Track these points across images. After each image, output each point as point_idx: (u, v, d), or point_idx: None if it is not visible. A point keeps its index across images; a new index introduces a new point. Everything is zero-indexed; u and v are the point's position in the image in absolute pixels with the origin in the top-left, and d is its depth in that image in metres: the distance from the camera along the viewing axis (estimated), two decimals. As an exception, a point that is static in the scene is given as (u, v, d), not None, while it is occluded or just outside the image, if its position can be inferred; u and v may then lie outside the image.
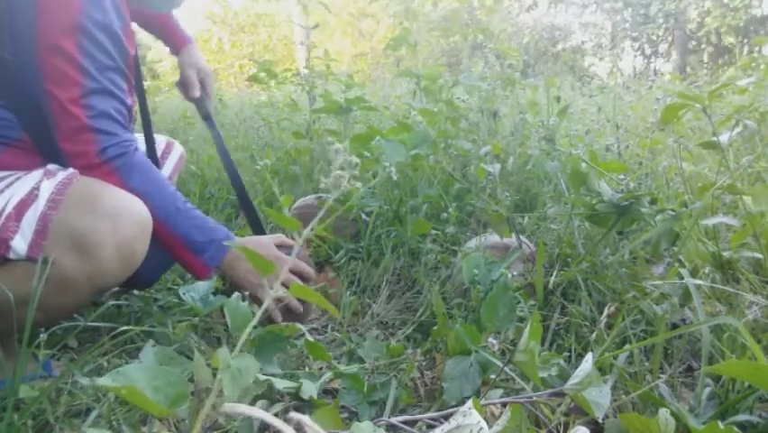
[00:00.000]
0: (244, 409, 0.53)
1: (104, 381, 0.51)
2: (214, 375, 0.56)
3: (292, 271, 1.12)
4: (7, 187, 0.90)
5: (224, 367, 0.54)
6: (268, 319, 1.09)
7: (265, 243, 1.13)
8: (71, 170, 0.93)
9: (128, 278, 0.94)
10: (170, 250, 1.03)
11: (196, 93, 1.40)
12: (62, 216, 0.87)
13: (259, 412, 0.53)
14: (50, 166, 0.94)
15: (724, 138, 1.12)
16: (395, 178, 0.88)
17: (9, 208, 0.86)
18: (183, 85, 1.40)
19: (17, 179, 0.91)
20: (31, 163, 0.96)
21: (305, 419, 0.55)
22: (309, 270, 1.14)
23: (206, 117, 1.45)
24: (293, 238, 1.24)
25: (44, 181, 0.90)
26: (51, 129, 0.93)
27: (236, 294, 0.88)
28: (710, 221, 1.09)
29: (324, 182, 0.60)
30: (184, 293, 1.02)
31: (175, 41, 1.41)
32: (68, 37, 0.91)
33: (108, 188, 0.93)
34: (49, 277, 0.84)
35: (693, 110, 1.16)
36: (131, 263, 0.92)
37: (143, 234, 0.93)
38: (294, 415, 0.57)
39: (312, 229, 0.62)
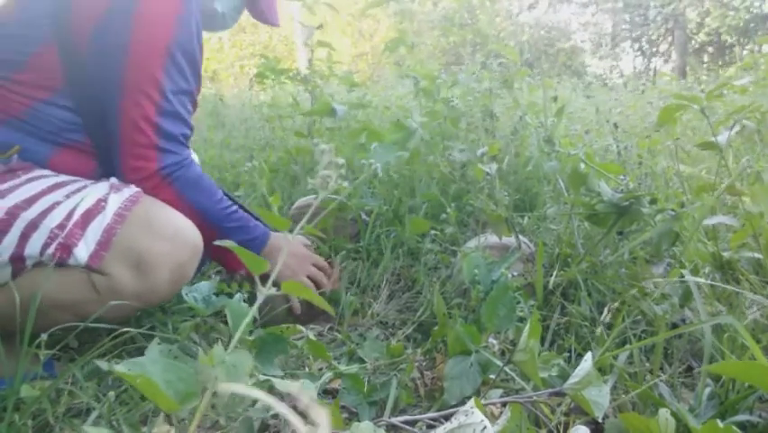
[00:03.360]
0: (241, 389, 0.53)
1: (120, 368, 0.52)
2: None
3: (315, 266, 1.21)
4: (73, 193, 0.91)
5: (218, 362, 0.54)
6: (290, 312, 1.16)
7: (301, 254, 1.20)
8: (135, 187, 0.96)
9: None
10: (214, 249, 1.08)
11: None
12: (125, 232, 0.89)
13: (254, 391, 0.52)
14: (114, 180, 0.97)
15: (722, 138, 1.12)
16: (380, 173, 0.90)
17: (76, 216, 0.88)
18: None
19: (84, 187, 0.93)
20: (82, 165, 0.98)
21: (295, 388, 0.55)
22: (327, 266, 1.23)
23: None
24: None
25: (112, 195, 0.92)
26: (115, 141, 0.96)
27: (238, 295, 0.88)
28: (710, 221, 1.09)
29: (312, 183, 0.61)
30: (186, 294, 1.02)
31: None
32: (157, 58, 0.94)
33: (170, 210, 0.96)
34: (100, 288, 0.87)
35: (692, 111, 1.16)
36: (180, 285, 0.96)
37: (195, 258, 0.97)
38: (286, 385, 0.56)
39: (302, 228, 0.62)
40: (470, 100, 1.98)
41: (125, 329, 0.85)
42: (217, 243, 0.74)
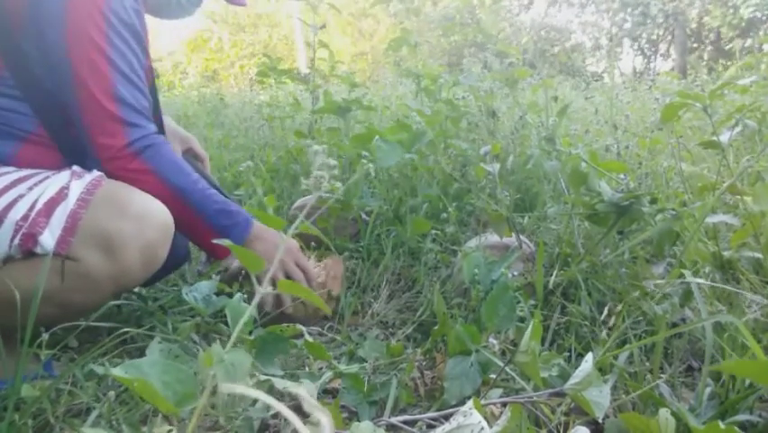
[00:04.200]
0: (242, 389, 0.53)
1: (116, 372, 0.52)
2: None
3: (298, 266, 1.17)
4: (36, 185, 0.91)
5: (217, 361, 0.54)
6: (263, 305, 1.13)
7: (285, 250, 1.15)
8: (97, 172, 0.95)
9: None
10: (194, 232, 1.06)
11: None
12: (91, 216, 0.88)
13: (256, 393, 0.53)
14: (76, 168, 0.96)
15: (724, 138, 1.12)
16: (372, 174, 0.90)
17: (39, 205, 0.87)
18: None
19: (46, 177, 0.93)
20: (47, 159, 0.97)
21: (301, 392, 0.55)
22: (312, 271, 1.18)
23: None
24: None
25: (73, 181, 0.91)
26: (78, 121, 0.95)
27: (238, 294, 0.88)
28: (711, 220, 1.08)
29: (306, 183, 0.61)
30: (186, 293, 1.02)
31: None
32: (97, 30, 0.93)
33: (135, 191, 0.95)
34: (72, 274, 0.86)
35: (693, 109, 1.16)
36: (153, 266, 0.94)
37: (166, 238, 0.95)
38: (291, 389, 0.56)
39: (296, 227, 0.63)
40: (471, 100, 1.97)
41: (125, 329, 0.85)
42: (216, 241, 0.74)
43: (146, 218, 0.92)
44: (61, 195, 0.89)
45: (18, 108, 0.95)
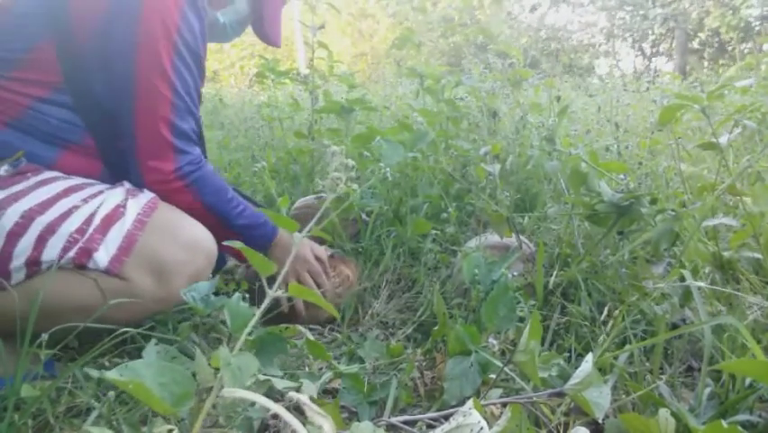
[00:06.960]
0: (243, 393, 0.53)
1: (111, 375, 0.52)
2: (216, 375, 0.56)
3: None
4: (91, 198, 0.92)
5: (224, 365, 0.54)
6: (290, 310, 1.16)
7: (303, 255, 1.19)
8: (150, 193, 0.97)
9: None
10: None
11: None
12: (146, 239, 0.90)
13: (257, 397, 0.53)
14: (128, 185, 0.97)
15: (723, 139, 1.12)
16: (389, 178, 0.91)
17: (96, 221, 0.88)
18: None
19: (99, 192, 0.94)
20: (86, 168, 0.98)
21: (303, 398, 0.56)
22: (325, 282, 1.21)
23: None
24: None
25: (129, 200, 0.93)
26: (130, 140, 0.96)
27: (237, 294, 0.88)
28: (711, 222, 1.08)
29: (322, 184, 0.61)
30: (185, 293, 1.02)
31: None
32: (166, 58, 0.94)
33: (186, 217, 0.98)
34: (118, 293, 0.88)
35: (692, 111, 1.16)
36: None
37: (210, 266, 0.99)
38: (293, 394, 0.57)
39: (309, 230, 0.63)
40: (472, 100, 1.97)
41: (125, 329, 0.85)
42: (226, 243, 0.75)
43: (196, 247, 0.95)
44: (117, 213, 0.90)
45: (73, 120, 0.96)
